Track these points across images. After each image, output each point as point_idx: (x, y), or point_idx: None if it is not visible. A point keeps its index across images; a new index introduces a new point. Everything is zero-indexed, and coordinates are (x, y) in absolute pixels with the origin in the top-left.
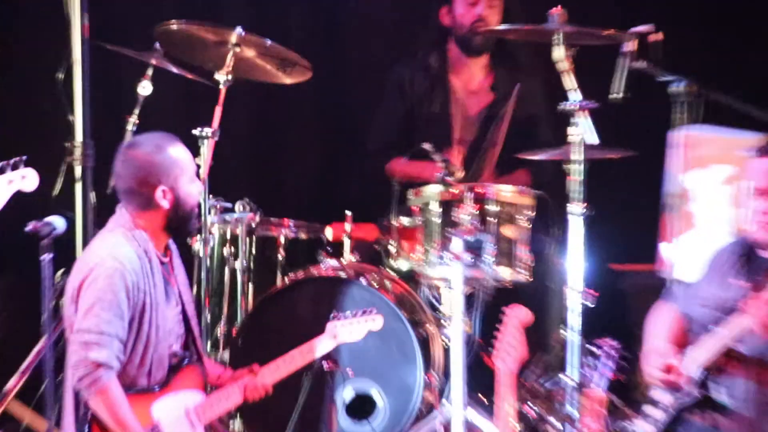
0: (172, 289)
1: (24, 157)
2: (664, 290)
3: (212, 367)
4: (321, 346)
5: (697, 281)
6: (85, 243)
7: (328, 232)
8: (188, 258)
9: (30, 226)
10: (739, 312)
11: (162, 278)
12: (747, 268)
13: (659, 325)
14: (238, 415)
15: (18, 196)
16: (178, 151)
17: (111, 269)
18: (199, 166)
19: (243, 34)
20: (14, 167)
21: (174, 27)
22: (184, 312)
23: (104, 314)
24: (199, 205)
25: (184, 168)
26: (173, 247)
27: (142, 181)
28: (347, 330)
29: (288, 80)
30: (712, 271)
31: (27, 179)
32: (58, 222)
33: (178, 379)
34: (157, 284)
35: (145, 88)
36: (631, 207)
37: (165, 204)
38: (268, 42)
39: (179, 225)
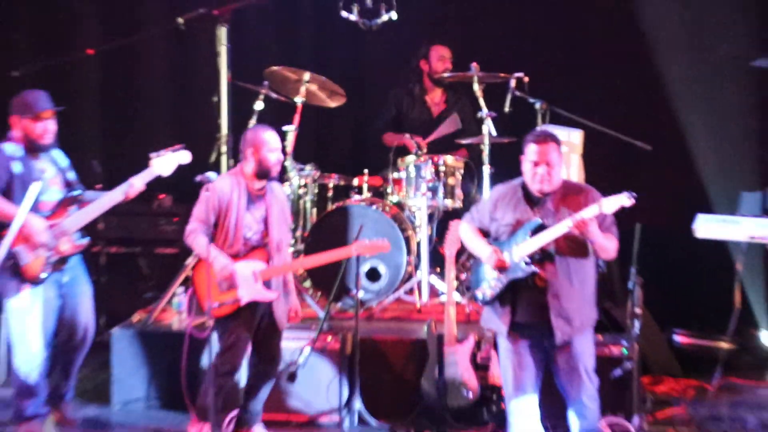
0: (256, 206)
1: (182, 145)
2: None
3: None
4: (345, 253)
5: (483, 209)
6: None
7: (355, 181)
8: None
9: (198, 178)
10: (559, 223)
11: (246, 198)
12: (528, 201)
13: (474, 236)
14: (308, 278)
15: (192, 164)
16: (267, 133)
17: (208, 188)
18: (285, 147)
19: (310, 75)
20: (176, 150)
21: (274, 69)
22: (266, 222)
23: (196, 209)
24: (280, 165)
25: (266, 143)
26: (273, 188)
27: (245, 146)
28: (365, 248)
29: (333, 104)
30: (499, 202)
31: (183, 157)
32: (212, 175)
33: (252, 254)
34: (240, 200)
35: (258, 105)
36: (516, 168)
37: (252, 160)
38: (320, 83)
39: (260, 174)
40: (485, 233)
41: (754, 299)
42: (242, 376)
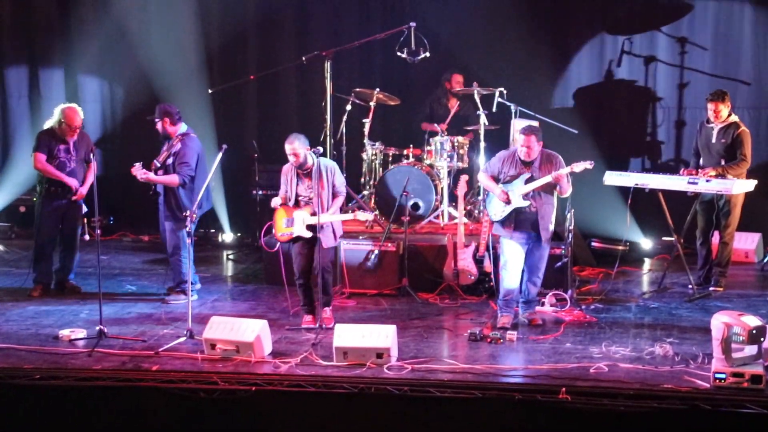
0: (303, 181)
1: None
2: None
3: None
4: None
5: (494, 165)
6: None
7: (405, 151)
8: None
9: (312, 150)
10: (544, 176)
11: (296, 175)
12: (517, 162)
13: (489, 180)
14: (377, 209)
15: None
16: (286, 145)
17: (283, 168)
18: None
19: (378, 90)
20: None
21: (357, 89)
22: (315, 189)
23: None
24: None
25: (286, 149)
26: (321, 166)
27: None
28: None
29: (392, 103)
30: (502, 161)
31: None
32: (320, 149)
33: (304, 207)
34: (293, 176)
35: (348, 107)
36: (499, 143)
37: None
38: (385, 93)
39: (295, 164)
40: (495, 179)
41: (637, 221)
42: (304, 277)
